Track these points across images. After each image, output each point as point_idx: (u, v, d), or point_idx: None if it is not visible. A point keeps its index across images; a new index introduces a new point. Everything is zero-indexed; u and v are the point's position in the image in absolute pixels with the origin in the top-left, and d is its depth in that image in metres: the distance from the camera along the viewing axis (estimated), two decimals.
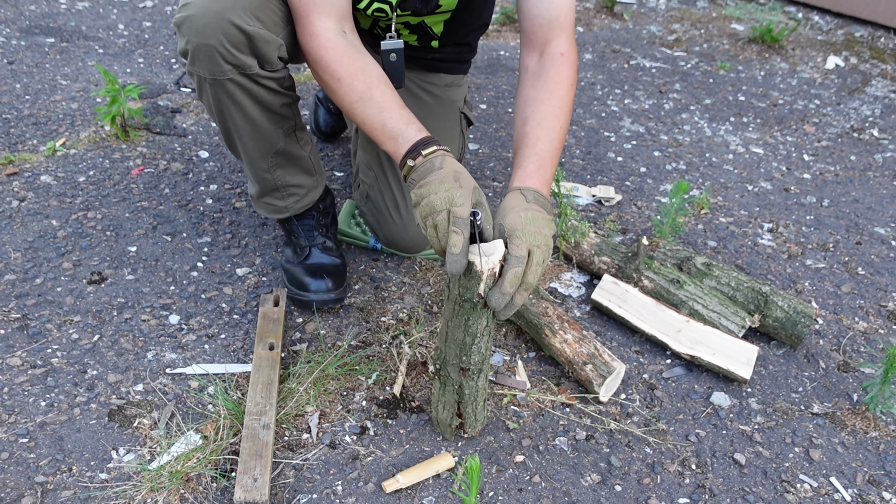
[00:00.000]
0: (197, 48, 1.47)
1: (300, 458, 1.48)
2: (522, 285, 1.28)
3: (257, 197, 1.83)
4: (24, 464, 1.42)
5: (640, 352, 1.81)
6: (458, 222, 1.25)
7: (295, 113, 1.72)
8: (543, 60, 1.60)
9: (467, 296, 1.29)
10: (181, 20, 1.47)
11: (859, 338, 1.91)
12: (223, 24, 1.44)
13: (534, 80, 1.59)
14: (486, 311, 1.33)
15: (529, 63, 1.62)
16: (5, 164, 2.29)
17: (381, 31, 1.80)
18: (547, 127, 1.51)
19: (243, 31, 1.46)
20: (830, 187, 2.61)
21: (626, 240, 2.21)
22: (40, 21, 3.31)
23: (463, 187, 1.31)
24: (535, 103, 1.55)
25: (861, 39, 4.02)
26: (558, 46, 1.59)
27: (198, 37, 1.45)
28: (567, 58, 1.59)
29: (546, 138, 1.49)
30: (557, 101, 1.55)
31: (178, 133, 2.55)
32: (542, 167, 1.45)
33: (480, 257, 1.24)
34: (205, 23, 1.44)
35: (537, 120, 1.52)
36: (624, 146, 2.77)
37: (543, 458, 1.52)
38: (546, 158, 1.47)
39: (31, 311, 1.77)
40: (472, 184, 1.34)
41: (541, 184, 1.43)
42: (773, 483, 1.51)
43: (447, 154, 1.38)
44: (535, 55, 1.62)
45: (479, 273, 1.25)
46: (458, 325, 1.35)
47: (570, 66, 1.59)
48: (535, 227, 1.30)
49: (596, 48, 3.68)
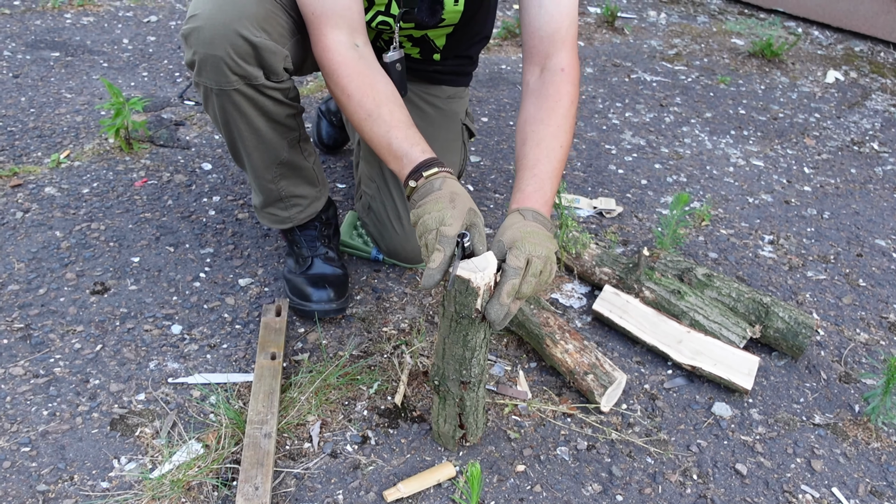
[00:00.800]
0: (204, 59, 1.48)
1: (301, 467, 1.48)
2: (517, 294, 1.28)
3: (261, 207, 1.84)
4: (26, 472, 1.42)
5: (642, 362, 1.81)
6: (442, 240, 1.26)
7: (299, 124, 1.73)
8: (544, 77, 1.58)
9: (465, 312, 1.29)
10: (189, 31, 1.48)
11: (860, 349, 1.91)
12: (230, 36, 1.46)
13: (534, 98, 1.57)
14: (483, 325, 1.33)
15: (531, 79, 1.60)
16: (10, 176, 2.30)
17: (383, 44, 1.82)
18: (546, 147, 1.49)
19: (250, 42, 1.47)
20: (831, 200, 2.62)
21: (627, 251, 2.22)
22: (45, 35, 3.34)
23: (456, 208, 1.30)
24: (535, 122, 1.53)
25: (861, 54, 4.04)
26: (559, 62, 1.57)
27: (205, 48, 1.47)
28: (568, 74, 1.57)
29: (545, 159, 1.48)
30: (557, 119, 1.53)
31: (181, 145, 2.57)
32: (541, 189, 1.44)
33: (475, 273, 1.25)
34: (212, 34, 1.46)
35: (536, 140, 1.51)
36: (625, 158, 2.78)
37: (545, 467, 1.52)
38: (545, 179, 1.46)
39: (34, 320, 1.77)
40: (468, 206, 1.33)
41: (540, 205, 1.42)
42: (774, 493, 1.50)
43: (448, 176, 1.38)
44: (537, 70, 1.60)
45: (476, 289, 1.25)
46: (455, 340, 1.35)
47: (571, 83, 1.57)
48: (534, 238, 1.30)
49: (597, 62, 3.70)
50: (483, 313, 1.29)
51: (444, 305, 1.34)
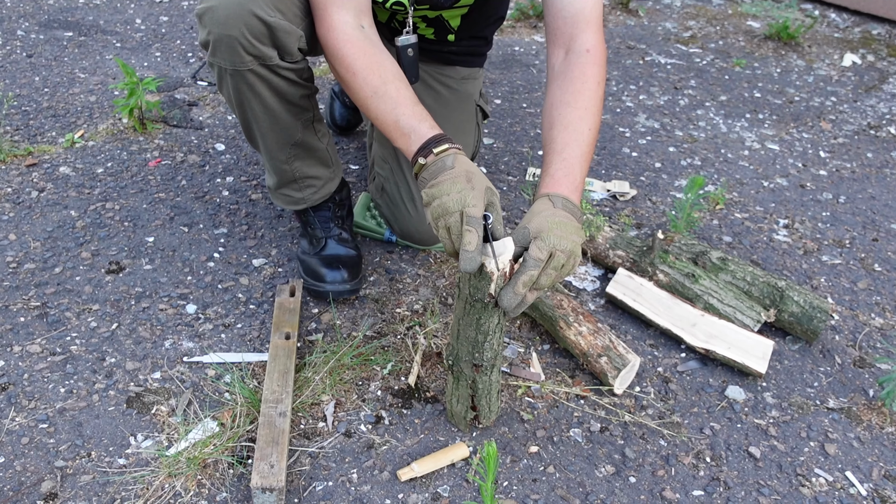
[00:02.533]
0: (218, 39, 1.48)
1: (316, 446, 1.49)
2: (535, 285, 1.26)
3: (275, 188, 1.84)
4: (44, 449, 1.44)
5: (655, 345, 1.81)
6: (472, 221, 1.23)
7: (313, 105, 1.73)
8: (569, 59, 1.53)
9: (478, 296, 1.29)
10: (203, 11, 1.48)
11: (875, 334, 1.90)
12: (245, 15, 1.45)
13: (560, 81, 1.53)
14: (497, 310, 1.32)
15: (555, 62, 1.56)
16: (25, 156, 2.31)
17: (398, 25, 1.81)
18: (574, 131, 1.45)
19: (265, 22, 1.47)
20: (847, 184, 2.60)
21: (641, 234, 2.21)
22: (59, 15, 3.34)
23: (475, 188, 1.28)
24: (562, 106, 1.49)
25: (878, 37, 3.99)
26: (584, 42, 1.52)
27: (219, 28, 1.46)
28: (593, 55, 1.52)
29: (574, 142, 1.44)
30: (584, 102, 1.48)
31: (194, 126, 2.57)
32: (570, 174, 1.41)
33: (495, 258, 1.24)
34: (227, 14, 1.45)
35: (564, 124, 1.47)
36: (639, 141, 2.76)
37: (558, 449, 1.52)
38: (574, 164, 1.42)
39: (50, 299, 1.79)
40: (485, 184, 1.32)
41: (570, 190, 1.38)
42: (788, 476, 1.50)
43: (459, 152, 1.36)
44: (562, 52, 1.55)
45: (490, 273, 1.25)
46: (469, 323, 1.35)
47: (597, 64, 1.52)
48: (561, 230, 1.27)
49: (611, 44, 3.67)
50: (496, 299, 1.29)
51: (460, 287, 1.34)
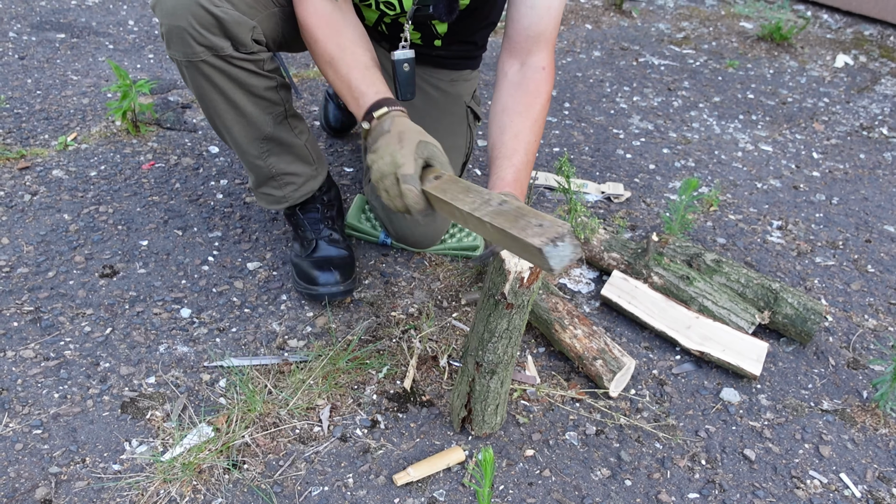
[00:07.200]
0: (169, 30, 1.50)
1: (311, 450, 1.48)
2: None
3: (255, 187, 1.84)
4: (38, 455, 1.43)
5: (650, 348, 1.81)
6: (407, 178, 1.29)
7: (284, 99, 1.72)
8: (524, 72, 1.62)
9: (492, 291, 1.32)
10: (154, 2, 1.51)
11: (869, 335, 1.91)
12: (191, 6, 1.47)
13: (513, 90, 1.62)
14: (507, 314, 1.34)
15: (509, 70, 1.64)
16: (17, 159, 2.30)
17: (384, 28, 1.80)
18: (524, 140, 1.55)
19: (211, 13, 1.48)
20: (840, 185, 2.61)
21: (636, 236, 2.21)
22: (51, 17, 3.32)
23: (405, 147, 1.32)
24: (514, 114, 1.58)
25: (870, 38, 4.00)
26: (540, 60, 1.62)
27: (169, 19, 1.49)
28: (547, 73, 1.62)
29: (522, 151, 1.53)
30: (535, 114, 1.58)
31: (188, 128, 2.56)
32: (519, 179, 1.50)
33: (512, 257, 1.27)
34: (174, 4, 1.47)
35: (514, 132, 1.56)
36: (633, 143, 2.77)
37: (553, 452, 1.52)
38: (521, 170, 1.51)
39: (43, 303, 1.78)
40: (416, 139, 1.34)
41: (520, 192, 1.48)
42: (782, 479, 1.51)
43: (399, 115, 1.39)
44: (517, 63, 1.64)
45: (507, 272, 1.27)
46: (481, 318, 1.38)
47: (549, 82, 1.63)
48: None
49: (605, 46, 3.68)
50: (507, 300, 1.30)
51: (485, 278, 1.37)
